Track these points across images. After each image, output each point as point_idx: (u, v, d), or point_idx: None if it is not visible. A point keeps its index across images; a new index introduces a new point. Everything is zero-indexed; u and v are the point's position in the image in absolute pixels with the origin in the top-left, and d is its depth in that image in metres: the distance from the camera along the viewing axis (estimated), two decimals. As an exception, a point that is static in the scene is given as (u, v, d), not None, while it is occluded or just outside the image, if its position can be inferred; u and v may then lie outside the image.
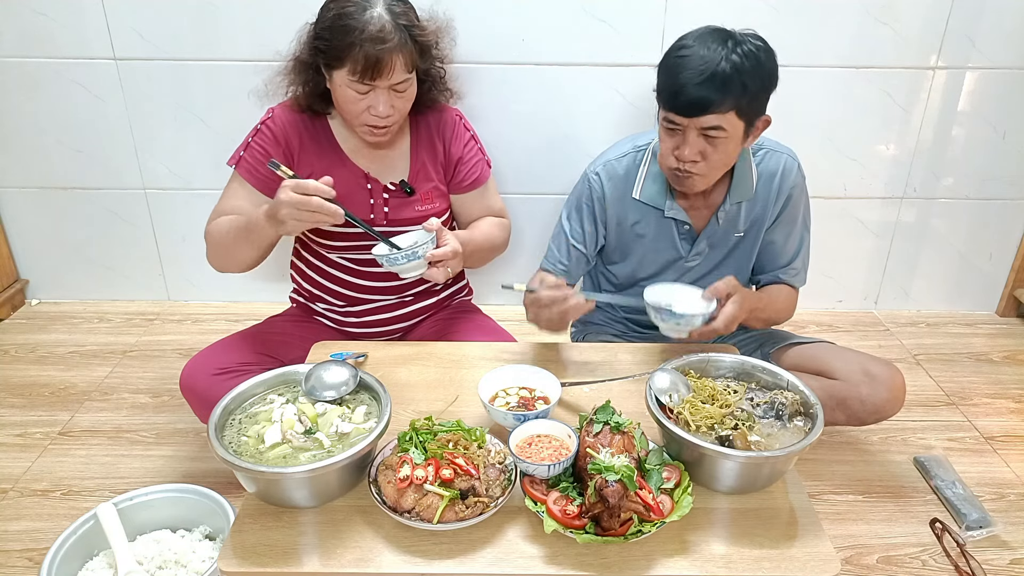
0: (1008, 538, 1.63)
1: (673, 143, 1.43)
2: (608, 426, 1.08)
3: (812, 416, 1.13)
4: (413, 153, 1.62)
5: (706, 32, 1.38)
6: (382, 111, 1.44)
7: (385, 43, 1.38)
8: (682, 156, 1.41)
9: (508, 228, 1.75)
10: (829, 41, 2.17)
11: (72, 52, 2.20)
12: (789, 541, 1.03)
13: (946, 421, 2.04)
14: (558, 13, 2.12)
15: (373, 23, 1.38)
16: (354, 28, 1.37)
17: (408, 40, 1.41)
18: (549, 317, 1.40)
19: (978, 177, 2.39)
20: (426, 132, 1.63)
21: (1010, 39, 2.19)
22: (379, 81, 1.41)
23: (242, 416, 1.16)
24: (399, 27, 1.40)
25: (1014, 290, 2.54)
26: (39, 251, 2.54)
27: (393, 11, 1.41)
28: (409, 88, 1.48)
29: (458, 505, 1.02)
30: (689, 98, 1.35)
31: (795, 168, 1.60)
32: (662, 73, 1.41)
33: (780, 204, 1.60)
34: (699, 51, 1.35)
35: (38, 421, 1.99)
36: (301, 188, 1.31)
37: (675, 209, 1.57)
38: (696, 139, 1.40)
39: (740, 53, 1.33)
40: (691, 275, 1.68)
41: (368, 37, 1.37)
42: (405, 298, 1.73)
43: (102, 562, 1.41)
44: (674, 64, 1.37)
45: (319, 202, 1.31)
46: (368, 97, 1.44)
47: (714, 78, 1.32)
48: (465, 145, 1.67)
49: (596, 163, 1.64)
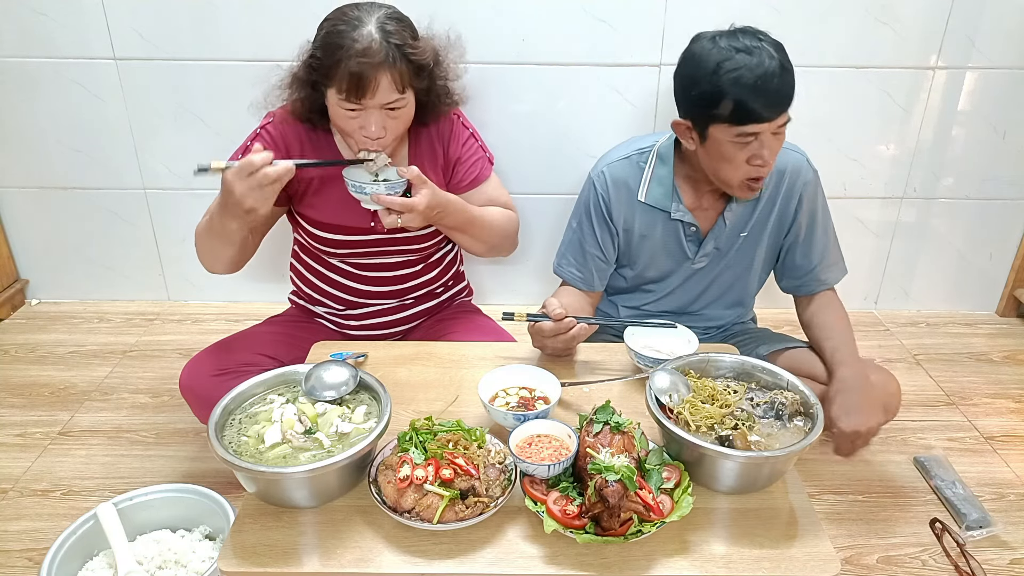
0: (1008, 538, 1.63)
1: (747, 153, 1.39)
2: (608, 426, 1.08)
3: (812, 416, 1.14)
4: (412, 160, 1.60)
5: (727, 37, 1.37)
6: (373, 132, 1.40)
7: (371, 61, 1.34)
8: (765, 161, 1.39)
9: (514, 220, 1.70)
10: (829, 41, 2.17)
11: (72, 52, 2.20)
12: (789, 541, 1.03)
13: (946, 421, 2.04)
14: (558, 13, 2.12)
15: (361, 40, 1.34)
16: (341, 45, 1.35)
17: (398, 58, 1.37)
18: (554, 346, 1.40)
19: (978, 177, 2.39)
20: (426, 138, 1.61)
21: (1010, 39, 2.19)
22: (366, 100, 1.37)
23: (242, 416, 1.16)
24: (389, 45, 1.35)
25: (1014, 290, 2.54)
26: (39, 251, 2.54)
27: (385, 29, 1.37)
28: (404, 108, 1.43)
29: (458, 505, 1.02)
30: (770, 99, 1.33)
31: (804, 164, 1.59)
32: (722, 90, 1.34)
33: (794, 204, 1.59)
34: (745, 58, 1.33)
35: (38, 421, 1.99)
36: (247, 169, 1.29)
37: (681, 211, 1.57)
38: (771, 140, 1.38)
39: (771, 44, 1.36)
40: (698, 277, 1.67)
41: (354, 54, 1.33)
42: (405, 301, 1.73)
43: (102, 562, 1.41)
44: (734, 80, 1.33)
45: (273, 172, 1.30)
46: (360, 116, 1.40)
47: (774, 73, 1.33)
48: (463, 144, 1.64)
49: (598, 166, 1.63)
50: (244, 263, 1.59)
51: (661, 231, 1.61)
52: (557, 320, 1.35)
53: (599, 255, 1.64)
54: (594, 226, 1.62)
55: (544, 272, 2.33)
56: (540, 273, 2.48)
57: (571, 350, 1.45)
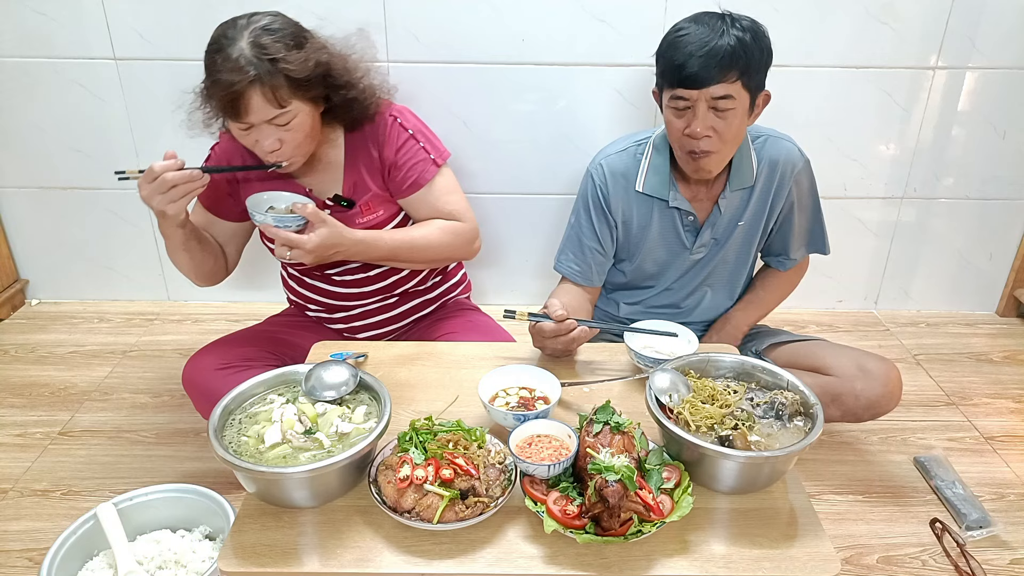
0: (1008, 538, 1.63)
1: (683, 123, 1.44)
2: (608, 426, 1.08)
3: (812, 416, 1.13)
4: (348, 164, 1.56)
5: (700, 14, 1.42)
6: (267, 146, 1.38)
7: (239, 79, 1.30)
8: (694, 132, 1.42)
9: (459, 232, 1.59)
10: (829, 41, 2.17)
11: (72, 52, 2.20)
12: (789, 541, 1.03)
13: (946, 421, 2.04)
14: (558, 13, 2.12)
15: (230, 61, 1.30)
16: (213, 66, 1.33)
17: (270, 74, 1.31)
18: (554, 347, 1.40)
19: (978, 177, 2.39)
20: (360, 141, 1.56)
21: (1010, 39, 2.18)
22: (243, 118, 1.34)
23: (242, 416, 1.16)
24: (260, 61, 1.30)
25: (1014, 290, 2.54)
26: (39, 251, 2.54)
27: (258, 43, 1.31)
28: (293, 120, 1.38)
29: (458, 505, 1.02)
30: (698, 68, 1.37)
31: (795, 153, 1.61)
32: (664, 54, 1.43)
33: (785, 192, 1.62)
34: (699, 29, 1.39)
35: (38, 421, 1.99)
36: (150, 176, 1.33)
37: (679, 199, 1.58)
38: (706, 113, 1.41)
39: (739, 27, 1.39)
40: (696, 268, 1.68)
41: (224, 74, 1.30)
42: (387, 301, 1.72)
43: (102, 562, 1.41)
44: (676, 42, 1.40)
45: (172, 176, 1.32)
46: (251, 133, 1.38)
47: (719, 48, 1.36)
48: (400, 148, 1.56)
49: (596, 159, 1.64)
50: (220, 273, 1.62)
51: (659, 221, 1.62)
52: (558, 321, 1.35)
53: (597, 248, 1.64)
54: (592, 219, 1.63)
55: (544, 271, 2.33)
56: (540, 272, 2.48)
57: (571, 351, 1.45)
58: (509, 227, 2.43)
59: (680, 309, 1.74)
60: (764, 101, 1.48)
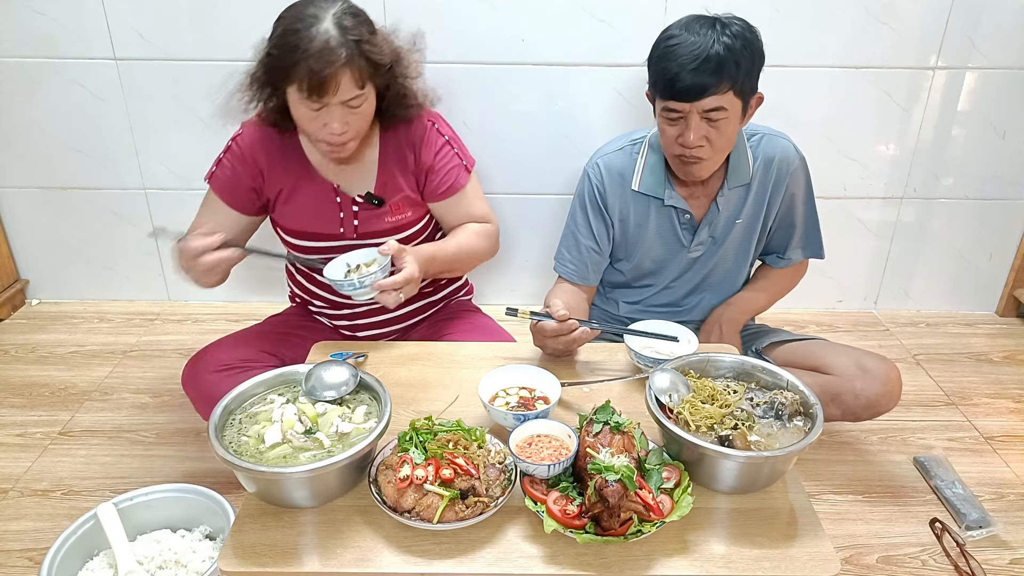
0: (1008, 538, 1.63)
1: (676, 131, 1.45)
2: (608, 426, 1.08)
3: (812, 416, 1.13)
4: (381, 163, 1.58)
5: (691, 19, 1.42)
6: (336, 128, 1.40)
7: (330, 60, 1.32)
8: (687, 143, 1.43)
9: (492, 235, 1.66)
10: (829, 41, 2.17)
11: (72, 52, 2.20)
12: (789, 541, 1.03)
13: (946, 421, 2.04)
14: (558, 13, 2.12)
15: (318, 39, 1.32)
16: (298, 45, 1.33)
17: (357, 56, 1.35)
18: (554, 347, 1.40)
19: (978, 177, 2.39)
20: (395, 141, 1.58)
21: (1010, 39, 2.19)
22: (327, 98, 1.36)
23: (242, 416, 1.16)
24: (347, 43, 1.34)
25: (1014, 290, 2.54)
26: (39, 251, 2.54)
27: (342, 25, 1.35)
28: (364, 104, 1.42)
29: (458, 505, 1.02)
30: (688, 82, 1.37)
31: (791, 151, 1.62)
32: (656, 64, 1.43)
33: (782, 190, 1.62)
34: (689, 37, 1.38)
35: (38, 421, 1.99)
36: (187, 255, 1.35)
37: (675, 197, 1.59)
38: (699, 123, 1.41)
39: (729, 34, 1.37)
40: (695, 267, 1.68)
41: (312, 54, 1.32)
42: None
43: (102, 562, 1.41)
44: (666, 53, 1.40)
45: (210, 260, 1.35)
46: (321, 114, 1.39)
47: (709, 60, 1.35)
48: (437, 153, 1.59)
49: (593, 158, 1.65)
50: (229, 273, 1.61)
51: (655, 219, 1.62)
52: (560, 321, 1.35)
53: (593, 246, 1.65)
54: (588, 216, 1.64)
55: (544, 271, 2.33)
56: (540, 272, 2.48)
57: (572, 351, 1.45)
58: (509, 227, 2.43)
59: (680, 308, 1.74)
60: (757, 103, 1.48)
